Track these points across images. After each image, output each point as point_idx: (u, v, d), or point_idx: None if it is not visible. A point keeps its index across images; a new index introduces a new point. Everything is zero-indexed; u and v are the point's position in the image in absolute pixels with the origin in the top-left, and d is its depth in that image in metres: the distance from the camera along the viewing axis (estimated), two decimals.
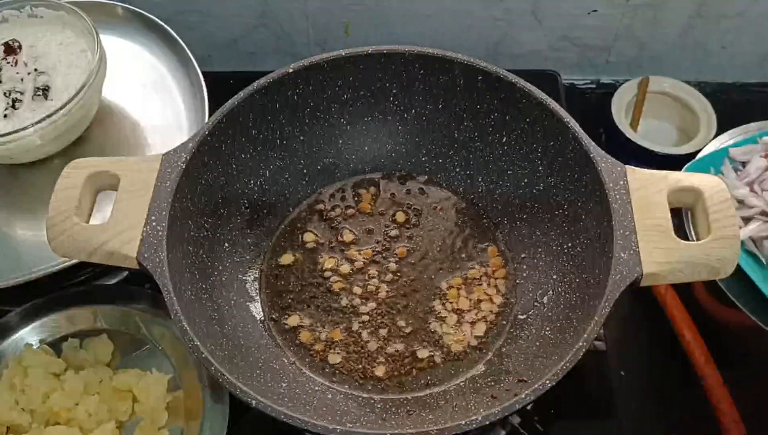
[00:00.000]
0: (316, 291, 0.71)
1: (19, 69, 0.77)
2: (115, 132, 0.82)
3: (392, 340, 0.68)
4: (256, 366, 0.64)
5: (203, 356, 0.56)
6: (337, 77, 0.72)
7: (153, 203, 0.63)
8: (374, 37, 0.95)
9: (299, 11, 0.93)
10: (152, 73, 0.85)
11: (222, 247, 0.70)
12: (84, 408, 0.64)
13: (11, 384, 0.66)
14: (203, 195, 0.68)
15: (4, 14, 0.80)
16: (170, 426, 0.66)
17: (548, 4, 0.91)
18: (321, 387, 0.65)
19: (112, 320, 0.71)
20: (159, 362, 0.69)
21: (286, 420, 0.54)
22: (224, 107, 0.68)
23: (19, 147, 0.73)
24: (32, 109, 0.75)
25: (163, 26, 0.86)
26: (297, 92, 0.71)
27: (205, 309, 0.64)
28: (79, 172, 0.64)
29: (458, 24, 0.93)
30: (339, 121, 0.75)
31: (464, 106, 0.72)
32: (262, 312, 0.70)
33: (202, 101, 0.80)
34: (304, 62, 0.70)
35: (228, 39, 0.97)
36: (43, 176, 0.78)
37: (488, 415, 0.53)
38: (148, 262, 0.60)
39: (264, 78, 0.69)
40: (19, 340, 0.71)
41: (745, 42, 0.91)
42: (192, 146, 0.66)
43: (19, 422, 0.64)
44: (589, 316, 0.57)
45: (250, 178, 0.73)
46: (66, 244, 0.62)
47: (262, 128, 0.72)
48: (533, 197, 0.71)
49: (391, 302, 0.70)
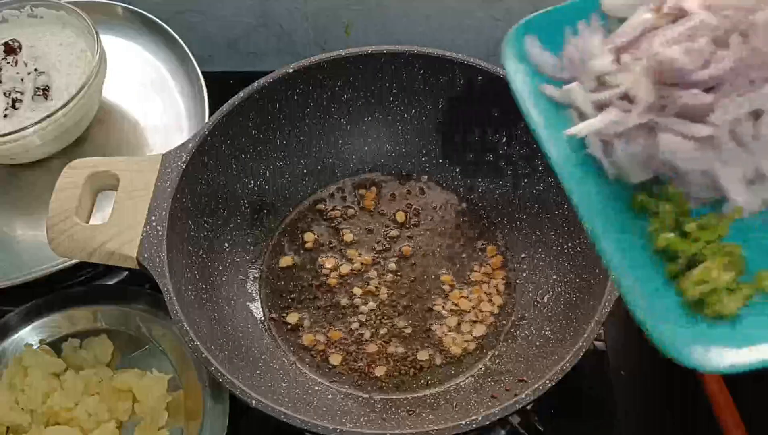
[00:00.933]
0: (316, 291, 0.71)
1: (19, 69, 0.77)
2: (115, 132, 0.82)
3: (392, 341, 0.68)
4: (256, 366, 0.64)
5: (203, 356, 0.56)
6: (337, 77, 0.72)
7: (153, 203, 0.63)
8: (374, 37, 0.94)
9: (299, 11, 0.93)
10: (152, 73, 0.85)
11: (222, 247, 0.70)
12: (84, 408, 0.64)
13: (11, 384, 0.66)
14: (203, 195, 0.68)
15: (4, 14, 0.80)
16: (170, 426, 0.65)
17: (549, 4, 0.91)
18: (321, 387, 0.65)
19: (112, 320, 0.71)
20: (159, 362, 0.69)
21: (286, 420, 0.54)
22: (224, 107, 0.68)
23: (19, 147, 0.73)
24: (32, 109, 0.75)
25: (163, 26, 0.86)
26: (297, 92, 0.72)
27: (205, 309, 0.64)
28: (79, 172, 0.64)
29: (458, 24, 0.93)
30: (339, 121, 0.75)
31: (464, 107, 0.72)
32: (262, 312, 0.70)
33: (202, 101, 0.80)
34: (304, 62, 0.70)
35: (228, 39, 0.97)
36: (43, 176, 0.78)
37: (488, 415, 0.53)
38: (148, 262, 0.60)
39: (264, 78, 0.69)
40: (19, 340, 0.70)
41: None
42: (192, 146, 0.66)
43: (19, 422, 0.64)
44: (589, 316, 0.57)
45: (250, 178, 0.73)
46: (66, 244, 0.62)
47: (262, 128, 0.72)
48: (533, 197, 0.71)
49: (391, 302, 0.70)
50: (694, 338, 0.43)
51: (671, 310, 0.44)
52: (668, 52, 0.46)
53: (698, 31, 0.47)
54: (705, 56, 0.46)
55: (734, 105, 0.45)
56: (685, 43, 0.47)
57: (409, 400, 0.64)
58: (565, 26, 0.51)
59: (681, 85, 0.46)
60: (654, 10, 0.49)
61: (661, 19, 0.49)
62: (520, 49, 0.51)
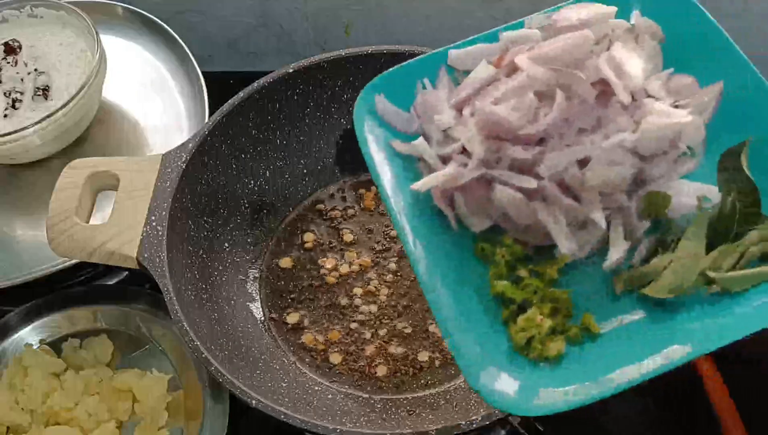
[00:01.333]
0: (316, 291, 0.71)
1: (19, 69, 0.77)
2: (115, 132, 0.82)
3: (392, 341, 0.68)
4: (256, 366, 0.64)
5: (203, 356, 0.56)
6: (337, 77, 0.72)
7: (153, 203, 0.63)
8: (374, 37, 0.94)
9: (299, 11, 0.93)
10: (152, 73, 0.85)
11: (222, 247, 0.70)
12: (84, 408, 0.64)
13: (11, 384, 0.66)
14: (203, 195, 0.68)
15: (4, 14, 0.80)
16: (170, 426, 0.65)
17: (548, 4, 0.91)
18: (321, 387, 0.65)
19: (112, 320, 0.71)
20: (159, 362, 0.69)
21: (286, 420, 0.54)
22: (224, 107, 0.68)
23: (19, 147, 0.73)
24: (32, 109, 0.75)
25: (163, 26, 0.86)
26: (297, 92, 0.72)
27: (205, 309, 0.64)
28: (79, 172, 0.64)
29: (458, 24, 0.93)
30: (339, 121, 0.75)
31: None
32: (262, 312, 0.70)
33: (202, 101, 0.80)
34: (304, 62, 0.70)
35: (228, 39, 0.97)
36: (43, 176, 0.78)
37: (488, 415, 0.53)
38: (148, 262, 0.60)
39: (264, 78, 0.69)
40: (19, 340, 0.70)
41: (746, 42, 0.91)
42: (192, 146, 0.66)
43: (19, 422, 0.64)
44: None
45: (250, 178, 0.73)
46: (66, 244, 0.62)
47: (262, 128, 0.72)
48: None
49: (391, 302, 0.70)
50: (519, 382, 0.45)
51: (502, 354, 0.46)
52: (496, 110, 0.48)
53: (526, 87, 0.49)
54: (532, 111, 0.48)
55: (559, 157, 0.47)
56: (513, 99, 0.49)
57: (409, 400, 0.64)
58: (416, 81, 0.53)
59: (512, 139, 0.48)
60: (495, 63, 0.51)
61: (500, 72, 0.51)
62: (371, 108, 0.52)
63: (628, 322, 0.47)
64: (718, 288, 0.46)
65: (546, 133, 0.48)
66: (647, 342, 0.45)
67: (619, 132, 0.48)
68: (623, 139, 0.48)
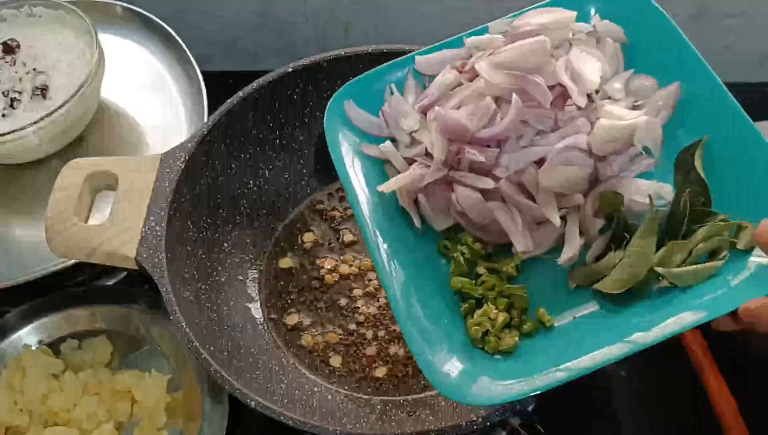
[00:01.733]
0: (316, 291, 0.71)
1: (17, 68, 0.76)
2: (114, 132, 0.81)
3: (392, 342, 0.67)
4: (256, 366, 0.64)
5: (203, 357, 0.56)
6: (337, 77, 0.71)
7: (152, 203, 0.63)
8: (374, 37, 0.94)
9: (299, 11, 0.93)
10: (151, 72, 0.85)
11: (222, 247, 0.70)
12: (83, 409, 0.64)
13: (10, 385, 0.66)
14: (203, 195, 0.68)
15: (3, 14, 0.80)
16: (169, 427, 0.65)
17: None
18: (321, 388, 0.65)
19: (111, 320, 0.71)
20: (158, 363, 0.69)
21: (286, 421, 0.54)
22: (224, 107, 0.68)
23: (17, 147, 0.73)
24: (31, 109, 0.74)
25: (162, 26, 0.86)
26: (297, 92, 0.71)
27: (204, 309, 0.64)
28: (78, 172, 0.64)
29: (458, 24, 0.93)
30: None
31: None
32: (262, 312, 0.70)
33: (201, 101, 0.80)
34: (304, 62, 0.70)
35: (228, 39, 0.97)
36: (41, 176, 0.77)
37: (488, 415, 0.53)
38: (146, 263, 0.60)
39: (264, 78, 0.69)
40: (17, 340, 0.70)
41: (746, 42, 0.91)
42: (191, 146, 0.66)
43: (18, 423, 0.64)
44: None
45: (250, 178, 0.73)
46: (65, 244, 0.62)
47: (262, 128, 0.72)
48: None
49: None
50: (465, 368, 0.47)
51: (459, 345, 0.49)
52: (454, 114, 0.51)
53: (485, 92, 0.51)
54: (489, 115, 0.50)
55: (516, 158, 0.50)
56: (472, 103, 0.51)
57: (409, 401, 0.64)
58: (386, 86, 0.55)
59: (470, 142, 0.51)
60: (458, 68, 0.53)
61: (463, 76, 0.53)
62: (342, 114, 0.55)
63: (581, 316, 0.50)
64: (667, 283, 0.48)
65: (503, 136, 0.50)
66: (597, 335, 0.47)
67: (576, 134, 0.50)
68: (577, 140, 0.50)
